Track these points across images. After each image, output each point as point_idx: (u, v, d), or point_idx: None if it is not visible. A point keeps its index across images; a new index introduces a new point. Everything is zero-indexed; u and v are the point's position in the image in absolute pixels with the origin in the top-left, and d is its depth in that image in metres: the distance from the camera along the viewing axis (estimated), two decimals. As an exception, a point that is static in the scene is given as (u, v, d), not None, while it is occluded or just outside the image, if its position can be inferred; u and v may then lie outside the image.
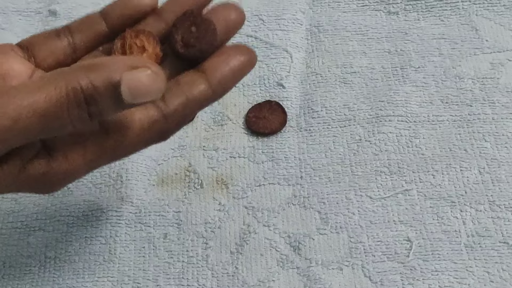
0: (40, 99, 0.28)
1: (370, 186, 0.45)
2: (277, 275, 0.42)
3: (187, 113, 0.33)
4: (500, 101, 0.48)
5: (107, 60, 0.30)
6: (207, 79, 0.33)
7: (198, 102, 0.33)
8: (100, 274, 0.42)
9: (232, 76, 0.33)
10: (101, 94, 0.29)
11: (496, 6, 0.53)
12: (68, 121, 0.29)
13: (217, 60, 0.33)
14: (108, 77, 0.28)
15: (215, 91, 0.33)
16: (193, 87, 0.32)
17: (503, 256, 0.42)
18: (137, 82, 0.28)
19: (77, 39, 0.35)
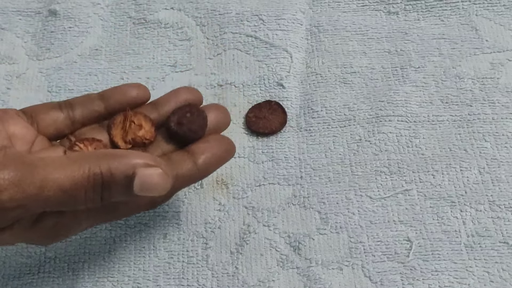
0: (65, 177, 0.31)
1: (370, 186, 0.45)
2: (277, 275, 0.42)
3: (176, 187, 0.37)
4: (500, 101, 0.48)
5: (126, 152, 0.33)
6: (194, 160, 0.37)
7: (186, 178, 0.37)
8: (100, 274, 0.42)
9: (215, 161, 0.38)
10: (117, 183, 0.32)
11: (496, 6, 0.53)
12: (83, 200, 0.32)
13: (203, 146, 0.38)
14: (126, 168, 0.32)
15: (200, 170, 0.37)
16: (182, 165, 0.36)
17: (503, 256, 0.42)
18: (149, 178, 0.32)
19: (77, 114, 0.39)
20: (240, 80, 0.50)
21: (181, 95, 0.40)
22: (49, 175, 0.31)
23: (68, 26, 0.53)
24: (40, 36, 0.53)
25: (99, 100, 0.39)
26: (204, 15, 0.53)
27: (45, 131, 0.38)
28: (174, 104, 0.40)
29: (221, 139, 0.39)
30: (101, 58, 0.52)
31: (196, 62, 0.51)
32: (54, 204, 0.32)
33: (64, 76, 0.51)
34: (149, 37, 0.53)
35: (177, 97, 0.40)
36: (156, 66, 0.51)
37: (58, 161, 0.32)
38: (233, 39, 0.52)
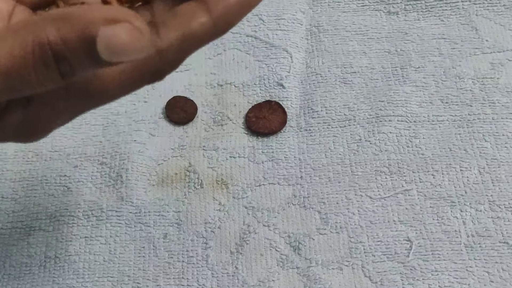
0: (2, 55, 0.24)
1: (370, 186, 0.45)
2: (277, 275, 0.42)
3: (184, 49, 0.28)
4: (500, 101, 0.48)
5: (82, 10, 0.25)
6: (209, 11, 0.28)
7: (198, 37, 0.28)
8: (100, 274, 0.42)
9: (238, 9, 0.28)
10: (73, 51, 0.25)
11: (496, 6, 0.53)
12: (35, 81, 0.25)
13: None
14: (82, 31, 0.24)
15: (217, 25, 0.28)
16: (193, 20, 0.27)
17: (503, 256, 0.42)
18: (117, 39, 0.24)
19: None
20: (240, 80, 0.50)
21: None
22: None
23: (68, 26, 0.53)
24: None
25: None
26: (204, 15, 0.53)
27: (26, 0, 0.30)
28: None
29: None
30: (101, 58, 0.52)
31: (196, 62, 0.51)
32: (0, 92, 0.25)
33: (64, 76, 0.51)
34: (149, 37, 0.53)
35: None
36: (156, 66, 0.51)
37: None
38: (233, 39, 0.52)
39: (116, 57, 0.24)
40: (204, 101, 0.49)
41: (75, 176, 0.46)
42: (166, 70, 0.29)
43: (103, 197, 0.45)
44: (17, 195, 0.46)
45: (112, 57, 0.24)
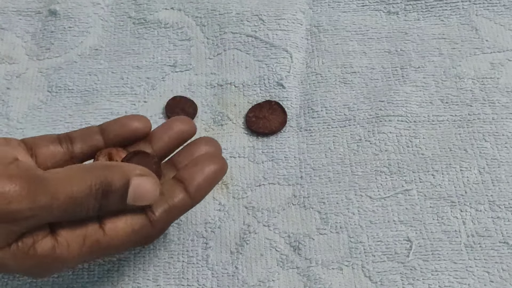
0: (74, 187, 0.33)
1: (370, 186, 0.45)
2: (277, 275, 0.42)
3: (169, 219, 0.37)
4: (500, 101, 0.48)
5: (122, 164, 0.36)
6: (185, 188, 0.37)
7: (179, 208, 0.37)
8: (100, 274, 0.42)
9: (207, 184, 0.37)
10: (114, 191, 0.34)
11: (496, 6, 0.53)
12: (86, 208, 0.34)
13: (193, 170, 0.37)
14: (123, 177, 0.34)
15: (193, 198, 0.37)
16: (174, 196, 0.36)
17: (503, 256, 0.42)
18: (142, 186, 0.34)
19: (76, 148, 0.39)
20: (240, 80, 0.50)
21: (173, 128, 0.40)
22: (60, 186, 0.33)
23: (68, 26, 0.53)
24: (40, 36, 0.53)
25: (99, 134, 0.39)
26: (204, 15, 0.53)
27: (44, 164, 0.38)
28: (167, 139, 0.40)
29: (210, 159, 0.38)
30: (101, 58, 0.52)
31: (196, 62, 0.51)
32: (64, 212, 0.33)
33: (64, 76, 0.51)
34: (149, 37, 0.53)
35: (169, 131, 0.40)
36: (156, 66, 0.51)
37: (65, 172, 0.34)
38: (233, 39, 0.52)
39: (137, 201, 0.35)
40: (204, 101, 0.49)
41: (75, 176, 0.46)
42: (155, 236, 0.37)
43: (103, 197, 0.45)
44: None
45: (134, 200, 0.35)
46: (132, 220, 0.36)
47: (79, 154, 0.39)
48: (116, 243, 0.35)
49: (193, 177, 0.37)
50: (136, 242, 0.37)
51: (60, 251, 0.34)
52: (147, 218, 0.36)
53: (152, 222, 0.36)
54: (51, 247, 0.34)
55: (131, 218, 0.36)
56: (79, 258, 0.35)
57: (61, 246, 0.34)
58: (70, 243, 0.34)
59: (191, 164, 0.38)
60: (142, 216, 0.36)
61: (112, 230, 0.35)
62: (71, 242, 0.34)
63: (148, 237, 0.37)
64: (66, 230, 0.34)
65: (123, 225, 0.35)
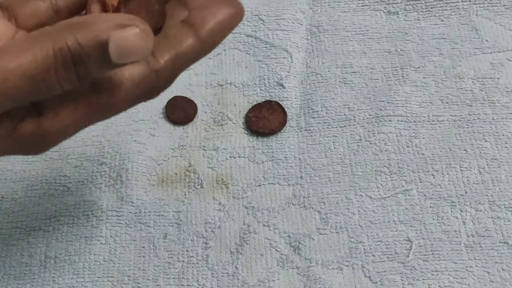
0: (27, 61, 0.27)
1: (370, 186, 0.45)
2: (277, 275, 0.42)
3: (177, 68, 0.32)
4: (500, 101, 0.48)
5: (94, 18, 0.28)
6: (195, 32, 0.31)
7: (188, 56, 0.32)
8: (100, 274, 0.42)
9: (221, 30, 0.32)
10: (89, 54, 0.28)
11: (496, 6, 0.53)
12: (55, 82, 0.28)
13: (204, 13, 0.32)
14: (96, 36, 0.27)
15: (204, 45, 0.32)
16: (182, 41, 0.31)
17: (503, 256, 0.42)
18: (125, 41, 0.28)
19: (60, 1, 0.34)
20: (240, 80, 0.50)
21: None
22: (10, 64, 0.27)
23: (68, 26, 0.53)
24: (40, 36, 0.53)
25: None
26: (204, 15, 0.53)
27: (26, 25, 0.33)
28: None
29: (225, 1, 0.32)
30: (101, 58, 0.52)
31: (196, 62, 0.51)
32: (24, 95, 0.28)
33: (64, 76, 0.51)
34: (149, 37, 0.53)
35: None
36: (156, 66, 0.51)
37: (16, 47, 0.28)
38: (233, 39, 0.52)
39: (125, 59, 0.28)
40: (204, 101, 0.49)
41: (75, 176, 0.46)
42: (161, 88, 0.32)
43: (103, 197, 0.45)
44: (17, 195, 0.46)
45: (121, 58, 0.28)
46: (132, 71, 0.31)
47: (64, 7, 0.34)
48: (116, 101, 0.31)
49: (205, 20, 0.31)
50: (139, 96, 0.32)
51: (48, 124, 0.30)
52: (150, 66, 0.31)
53: (157, 71, 0.31)
54: (35, 123, 0.30)
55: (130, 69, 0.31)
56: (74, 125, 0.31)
57: (48, 119, 0.30)
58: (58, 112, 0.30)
59: (203, 6, 0.32)
60: (144, 65, 0.31)
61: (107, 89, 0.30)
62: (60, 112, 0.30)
63: (153, 89, 0.32)
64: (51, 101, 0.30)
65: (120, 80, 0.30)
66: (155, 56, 0.31)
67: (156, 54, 0.31)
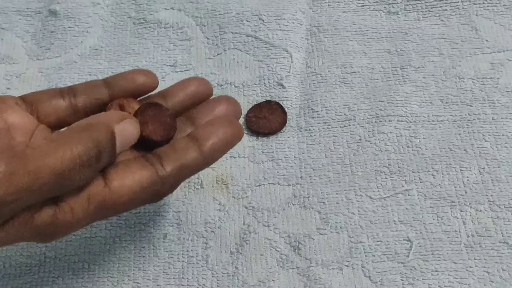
0: (57, 160, 0.30)
1: (370, 186, 0.45)
2: (277, 275, 0.42)
3: (180, 177, 0.35)
4: (500, 101, 0.48)
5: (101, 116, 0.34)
6: (199, 147, 0.35)
7: (191, 167, 0.35)
8: (100, 274, 0.42)
9: (221, 146, 0.36)
10: (105, 150, 0.32)
11: (496, 6, 0.53)
12: (77, 179, 0.31)
13: (208, 130, 0.36)
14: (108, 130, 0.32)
15: (206, 159, 0.36)
16: (187, 154, 0.35)
17: (503, 256, 0.42)
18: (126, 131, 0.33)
19: (79, 101, 0.37)
20: (240, 80, 0.50)
21: (190, 87, 0.39)
22: (41, 163, 0.30)
23: (68, 26, 0.53)
24: (40, 36, 0.53)
25: (104, 87, 0.38)
26: (204, 15, 0.53)
27: (46, 120, 0.36)
28: (182, 96, 0.38)
29: (227, 122, 0.37)
30: (101, 58, 0.52)
31: (196, 62, 0.51)
32: (52, 190, 0.31)
33: (64, 76, 0.51)
34: (149, 37, 0.53)
35: (185, 89, 0.39)
36: (156, 66, 0.51)
37: (46, 146, 0.31)
38: (233, 39, 0.52)
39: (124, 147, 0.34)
40: (204, 101, 0.49)
41: (75, 176, 0.46)
42: (164, 193, 0.35)
43: (103, 197, 0.45)
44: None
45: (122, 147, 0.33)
46: (141, 176, 0.34)
47: (82, 108, 0.37)
48: (124, 201, 0.33)
49: (208, 137, 0.35)
50: (144, 199, 0.35)
51: (63, 217, 0.32)
52: (157, 174, 0.34)
53: (162, 178, 0.34)
54: (52, 215, 0.32)
55: (139, 174, 0.34)
56: (84, 220, 0.33)
57: (63, 212, 0.32)
58: (73, 206, 0.32)
59: (207, 124, 0.36)
60: (151, 172, 0.34)
61: (119, 188, 0.33)
62: (74, 205, 0.32)
63: (157, 194, 0.35)
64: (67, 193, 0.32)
65: (131, 182, 0.33)
66: (163, 165, 0.34)
67: (163, 163, 0.34)
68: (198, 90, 0.39)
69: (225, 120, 0.37)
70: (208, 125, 0.36)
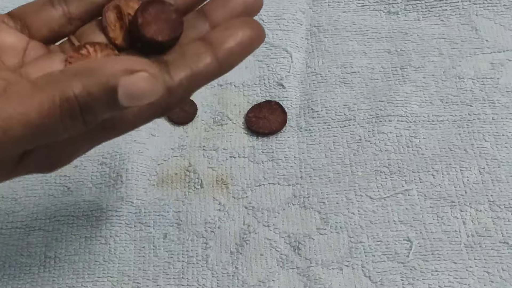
0: (32, 110, 0.26)
1: (370, 186, 0.45)
2: (277, 275, 0.42)
3: (191, 87, 0.31)
4: (500, 101, 0.48)
5: (102, 63, 0.28)
6: (214, 52, 0.30)
7: (204, 76, 0.31)
8: (100, 274, 0.42)
9: (240, 51, 0.31)
10: (97, 101, 0.27)
11: (496, 6, 0.53)
12: (61, 130, 0.28)
13: (225, 34, 0.31)
14: (104, 83, 0.27)
15: (221, 65, 0.31)
16: (200, 60, 0.30)
17: (503, 256, 0.42)
18: (135, 87, 0.27)
19: (73, 8, 0.33)
20: (240, 80, 0.50)
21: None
22: (13, 112, 0.26)
23: (68, 26, 0.53)
24: (40, 36, 0.53)
25: None
26: (204, 15, 0.53)
27: (38, 34, 0.33)
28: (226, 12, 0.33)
29: (246, 22, 0.31)
30: (101, 58, 0.52)
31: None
32: (28, 142, 0.28)
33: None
34: (149, 37, 0.53)
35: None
36: (156, 66, 0.51)
37: (22, 92, 0.27)
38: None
39: (134, 102, 0.27)
40: (204, 101, 0.49)
41: (75, 176, 0.46)
42: (174, 105, 0.32)
43: (103, 197, 0.45)
44: (17, 195, 0.45)
45: (131, 102, 0.27)
46: None
47: (77, 15, 0.33)
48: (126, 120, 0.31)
49: (225, 40, 0.30)
50: (152, 113, 0.31)
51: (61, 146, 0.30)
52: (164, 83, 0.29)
53: (170, 89, 0.30)
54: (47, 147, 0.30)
55: None
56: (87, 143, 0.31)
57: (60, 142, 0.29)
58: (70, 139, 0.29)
59: (223, 28, 0.31)
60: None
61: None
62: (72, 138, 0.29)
63: (166, 107, 0.31)
64: None
65: None
66: (170, 74, 0.30)
67: (171, 72, 0.30)
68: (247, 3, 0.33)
69: (243, 20, 0.31)
70: (224, 28, 0.31)
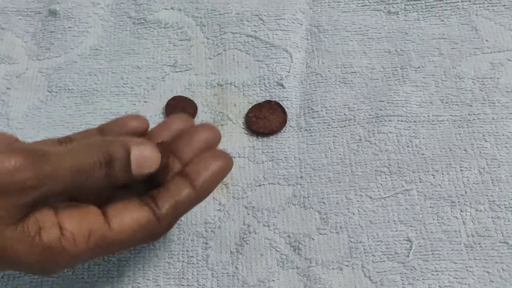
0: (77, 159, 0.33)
1: (370, 186, 0.45)
2: (277, 275, 0.42)
3: (176, 214, 0.37)
4: (500, 101, 0.48)
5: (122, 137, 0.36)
6: (191, 183, 0.37)
7: (186, 203, 0.37)
8: (100, 274, 0.42)
9: (213, 180, 0.37)
10: (118, 161, 0.34)
11: (496, 6, 0.53)
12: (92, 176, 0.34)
13: (199, 166, 0.37)
14: (124, 147, 0.34)
15: (199, 193, 0.37)
16: (180, 192, 0.37)
17: (503, 256, 0.42)
18: (142, 154, 0.35)
19: None
20: (240, 80, 0.50)
21: (172, 126, 0.40)
22: (63, 159, 0.33)
23: (68, 26, 0.53)
24: (40, 36, 0.53)
25: (98, 134, 0.39)
26: (204, 15, 0.53)
27: None
28: (167, 135, 0.40)
29: (216, 154, 0.38)
30: (101, 58, 0.52)
31: (196, 62, 0.51)
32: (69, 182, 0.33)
33: (64, 76, 0.51)
34: (149, 37, 0.53)
35: (169, 129, 0.40)
36: (156, 66, 0.51)
37: (68, 148, 0.34)
38: (233, 39, 0.52)
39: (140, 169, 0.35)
40: (204, 101, 0.49)
41: (75, 176, 0.46)
42: (162, 232, 0.37)
43: (103, 197, 0.45)
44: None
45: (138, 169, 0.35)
46: (138, 214, 0.35)
47: None
48: (122, 238, 0.35)
49: (199, 173, 0.37)
50: (142, 238, 0.36)
51: (66, 244, 0.33)
52: (153, 213, 0.36)
53: (159, 217, 0.36)
54: (57, 237, 0.33)
55: (137, 212, 0.35)
56: (85, 253, 0.34)
57: (67, 239, 0.33)
58: (76, 237, 0.34)
59: (196, 161, 0.38)
60: (148, 212, 0.36)
61: (118, 225, 0.35)
62: (77, 236, 0.34)
63: (155, 233, 0.37)
64: (71, 223, 0.34)
65: (129, 220, 0.35)
66: (158, 205, 0.36)
67: (158, 204, 0.36)
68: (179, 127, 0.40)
69: (213, 153, 0.39)
70: (197, 162, 0.38)
